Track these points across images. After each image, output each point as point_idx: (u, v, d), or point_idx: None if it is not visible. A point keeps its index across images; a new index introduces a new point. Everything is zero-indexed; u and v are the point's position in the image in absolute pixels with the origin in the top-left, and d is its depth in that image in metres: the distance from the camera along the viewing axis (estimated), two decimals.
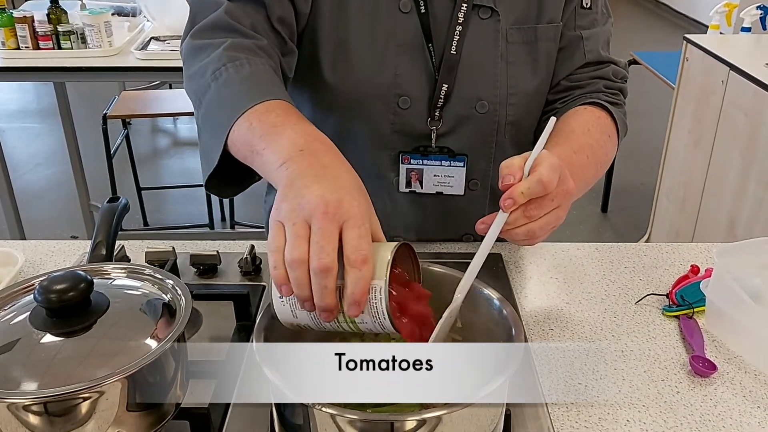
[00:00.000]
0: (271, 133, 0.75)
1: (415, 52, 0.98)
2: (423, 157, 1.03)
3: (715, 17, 2.81)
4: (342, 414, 0.61)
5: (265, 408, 0.78)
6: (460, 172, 1.04)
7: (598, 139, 0.97)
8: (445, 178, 1.04)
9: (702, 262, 1.10)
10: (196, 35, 0.92)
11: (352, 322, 0.66)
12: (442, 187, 1.05)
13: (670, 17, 7.56)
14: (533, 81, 1.03)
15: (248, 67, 0.85)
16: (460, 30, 0.97)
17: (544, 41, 1.02)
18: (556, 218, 0.79)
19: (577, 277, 1.08)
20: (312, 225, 0.62)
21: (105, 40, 2.55)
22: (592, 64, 1.06)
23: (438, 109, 1.00)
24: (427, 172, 1.04)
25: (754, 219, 2.22)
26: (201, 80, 0.86)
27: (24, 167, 4.01)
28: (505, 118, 1.03)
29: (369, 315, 0.64)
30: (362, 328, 0.66)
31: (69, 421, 0.65)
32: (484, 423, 0.66)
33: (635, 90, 3.80)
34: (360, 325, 0.66)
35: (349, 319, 0.65)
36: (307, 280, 0.62)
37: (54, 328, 0.69)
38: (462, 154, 1.04)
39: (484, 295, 0.78)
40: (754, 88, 2.19)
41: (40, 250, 1.14)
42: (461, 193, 1.06)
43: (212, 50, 0.87)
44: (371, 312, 0.64)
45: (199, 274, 1.06)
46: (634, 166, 3.81)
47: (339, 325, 0.67)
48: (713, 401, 0.84)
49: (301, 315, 0.67)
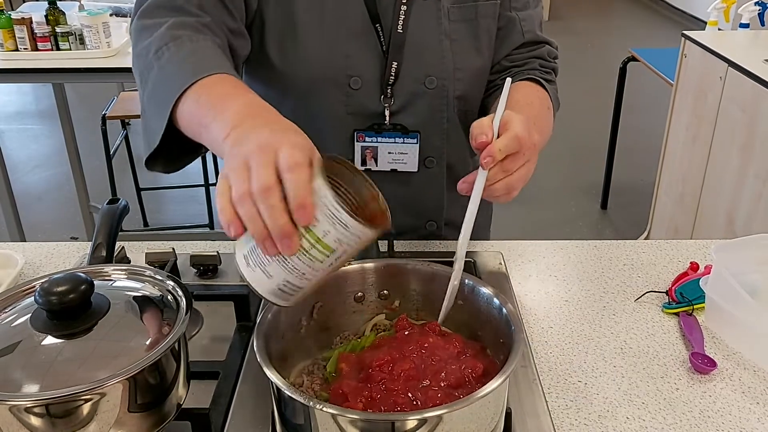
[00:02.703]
0: (217, 106, 0.75)
1: (364, 33, 1.01)
2: (377, 135, 1.05)
3: (713, 13, 2.81)
4: (343, 414, 0.61)
5: (266, 408, 0.78)
6: (414, 148, 1.07)
7: (540, 110, 1.02)
8: (399, 155, 1.07)
9: (701, 258, 1.10)
10: (142, 15, 0.93)
11: (318, 241, 0.62)
12: (397, 164, 1.08)
13: (668, 13, 7.55)
14: (477, 56, 1.07)
15: (189, 44, 0.86)
16: (405, 9, 1.00)
17: (483, 18, 1.06)
18: (528, 171, 0.82)
19: (576, 274, 1.09)
20: (250, 163, 0.62)
21: (103, 41, 2.55)
22: (529, 44, 1.10)
23: (390, 86, 1.03)
24: (382, 149, 1.06)
25: (753, 214, 2.22)
26: (145, 60, 0.87)
27: (23, 169, 4.01)
28: (453, 93, 1.06)
29: (325, 219, 0.61)
30: (333, 246, 0.62)
31: (70, 423, 0.65)
32: (485, 421, 0.66)
33: (633, 86, 3.80)
34: (328, 242, 0.62)
35: (313, 239, 0.62)
36: (255, 211, 0.61)
37: (55, 330, 0.70)
38: (415, 131, 1.06)
39: (483, 294, 0.78)
40: (752, 84, 2.19)
41: (40, 252, 1.14)
42: (415, 169, 1.08)
43: (155, 30, 0.89)
44: (325, 213, 0.61)
45: (200, 275, 1.06)
46: (633, 163, 3.81)
47: (309, 256, 0.63)
48: (713, 398, 0.84)
49: (273, 270, 0.64)
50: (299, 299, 0.67)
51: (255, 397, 0.82)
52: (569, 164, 4.07)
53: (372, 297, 0.84)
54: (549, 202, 3.64)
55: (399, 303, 0.84)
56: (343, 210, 0.61)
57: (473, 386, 0.70)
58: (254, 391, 0.83)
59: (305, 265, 0.64)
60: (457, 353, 0.74)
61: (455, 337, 0.77)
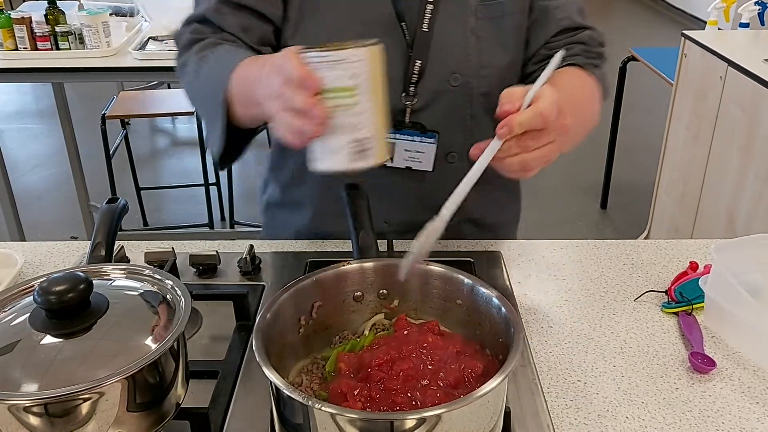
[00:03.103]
0: (257, 78, 0.82)
1: (390, 30, 1.00)
2: (395, 131, 1.05)
3: (713, 13, 2.80)
4: (342, 413, 0.61)
5: (265, 408, 0.78)
6: (431, 148, 1.06)
7: (582, 94, 1.01)
8: (416, 153, 1.06)
9: (701, 258, 1.10)
10: (186, 23, 1.03)
11: (335, 90, 0.70)
12: (412, 162, 1.07)
13: (668, 13, 7.55)
14: (503, 54, 1.06)
15: (216, 52, 0.96)
16: (432, 8, 1.00)
17: (510, 15, 1.05)
18: (550, 152, 0.79)
19: (576, 274, 1.09)
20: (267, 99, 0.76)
21: (103, 41, 2.55)
22: (567, 30, 1.08)
23: (413, 84, 1.03)
24: (399, 146, 1.05)
25: (753, 213, 2.22)
26: (189, 78, 0.99)
27: (23, 168, 4.01)
28: (478, 90, 1.05)
29: (325, 71, 0.69)
30: (350, 83, 0.70)
31: (69, 422, 0.65)
32: (484, 420, 0.66)
33: (633, 86, 3.79)
34: (342, 84, 0.70)
35: (332, 93, 0.70)
36: (287, 118, 0.72)
37: (54, 330, 0.70)
38: (433, 131, 1.05)
39: (483, 293, 0.78)
40: (752, 83, 2.19)
41: (40, 251, 1.14)
42: (430, 169, 1.07)
43: (186, 50, 1.01)
44: (320, 68, 0.69)
45: (199, 274, 1.06)
46: (633, 163, 3.81)
47: (342, 107, 0.70)
48: (712, 397, 0.84)
49: (332, 143, 0.72)
50: (380, 146, 0.73)
51: (254, 397, 0.82)
52: (569, 164, 4.07)
53: (371, 296, 0.84)
54: (549, 201, 3.64)
55: (398, 302, 0.84)
56: (327, 50, 0.68)
57: (472, 386, 0.70)
58: (253, 391, 0.83)
59: (347, 117, 0.70)
60: (456, 353, 0.74)
61: (454, 337, 0.77)
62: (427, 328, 0.78)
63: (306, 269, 1.06)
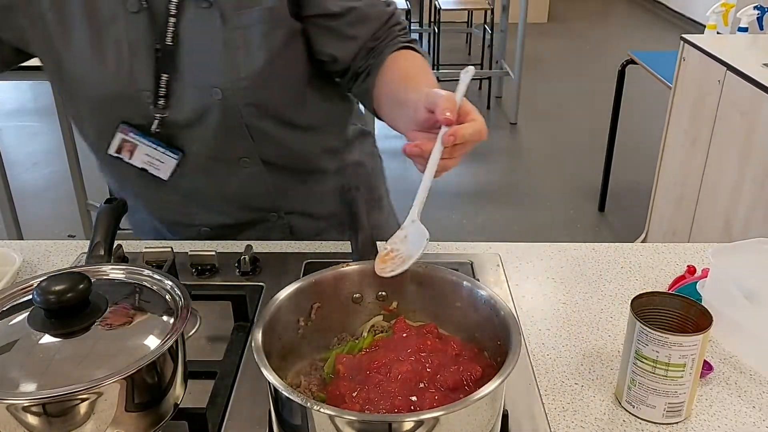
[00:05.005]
0: None
1: (146, 48, 1.01)
2: (143, 135, 1.07)
3: (712, 17, 2.81)
4: (340, 415, 0.61)
5: (263, 408, 0.79)
6: (171, 162, 1.08)
7: (431, 76, 1.03)
8: (155, 161, 1.09)
9: (698, 262, 1.11)
10: None
11: None
12: (150, 168, 1.09)
13: (666, 17, 7.56)
14: (258, 63, 1.03)
15: None
16: (174, 21, 0.99)
17: (267, 22, 1.01)
18: (460, 160, 0.84)
19: (573, 277, 1.09)
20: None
21: None
22: (364, 17, 1.06)
23: (162, 98, 1.03)
24: (141, 149, 1.08)
25: (750, 217, 2.22)
26: None
27: (21, 166, 4.01)
28: (243, 101, 1.04)
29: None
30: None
31: (67, 422, 0.65)
32: (482, 423, 0.66)
33: (632, 89, 3.79)
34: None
35: None
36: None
37: (52, 329, 0.70)
38: (179, 149, 1.08)
39: (481, 296, 0.78)
40: (750, 88, 2.20)
41: (38, 250, 1.14)
42: (165, 178, 1.10)
43: None
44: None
45: (198, 275, 1.06)
46: (631, 166, 3.82)
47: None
48: (709, 401, 0.84)
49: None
50: None
51: (252, 397, 0.83)
52: (567, 167, 4.07)
53: (370, 298, 0.84)
54: (547, 204, 3.65)
55: (397, 304, 0.84)
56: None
57: (470, 388, 0.70)
58: (251, 392, 0.84)
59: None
60: (455, 355, 0.74)
61: (453, 339, 0.77)
62: (425, 330, 0.78)
63: (303, 270, 1.06)
